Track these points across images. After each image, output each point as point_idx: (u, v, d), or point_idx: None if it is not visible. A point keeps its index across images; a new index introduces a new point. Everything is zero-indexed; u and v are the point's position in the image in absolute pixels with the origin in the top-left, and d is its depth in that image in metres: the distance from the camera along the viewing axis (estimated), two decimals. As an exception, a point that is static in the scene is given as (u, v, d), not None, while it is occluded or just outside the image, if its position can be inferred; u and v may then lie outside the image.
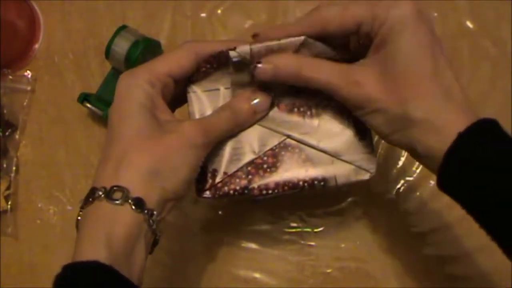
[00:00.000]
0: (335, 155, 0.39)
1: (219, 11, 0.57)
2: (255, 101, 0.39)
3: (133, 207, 0.33)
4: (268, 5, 0.56)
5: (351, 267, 0.51)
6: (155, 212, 0.34)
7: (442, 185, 0.33)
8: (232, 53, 0.37)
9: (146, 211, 0.33)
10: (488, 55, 0.53)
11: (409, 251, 0.50)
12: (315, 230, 0.52)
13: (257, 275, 0.51)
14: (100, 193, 0.33)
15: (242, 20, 0.56)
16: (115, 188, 0.33)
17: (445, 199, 0.34)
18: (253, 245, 0.52)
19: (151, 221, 0.33)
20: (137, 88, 0.36)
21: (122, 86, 0.37)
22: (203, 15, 0.57)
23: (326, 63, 0.37)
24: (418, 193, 0.51)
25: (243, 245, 0.52)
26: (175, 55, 0.38)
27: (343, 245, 0.51)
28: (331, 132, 0.40)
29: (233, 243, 0.52)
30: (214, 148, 0.39)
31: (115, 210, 0.32)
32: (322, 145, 0.40)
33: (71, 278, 0.31)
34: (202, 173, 0.39)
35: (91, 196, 0.33)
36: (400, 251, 0.50)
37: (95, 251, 0.31)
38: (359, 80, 0.35)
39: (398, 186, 0.52)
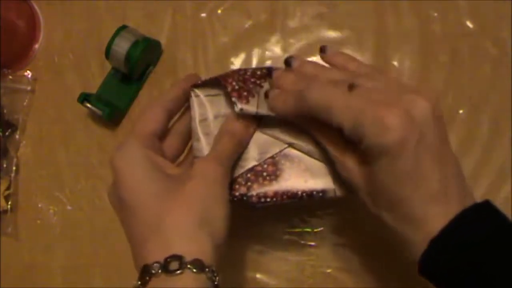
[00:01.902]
0: (335, 167, 0.39)
1: (219, 11, 0.57)
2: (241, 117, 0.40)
3: (194, 270, 0.31)
4: (268, 5, 0.56)
5: (351, 267, 0.51)
6: (214, 268, 0.33)
7: (423, 272, 0.34)
8: (236, 108, 0.39)
9: (207, 269, 0.32)
10: (488, 55, 0.53)
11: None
12: (315, 230, 0.52)
13: (257, 275, 0.51)
14: (156, 268, 0.31)
15: (242, 20, 0.56)
16: (169, 259, 0.32)
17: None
18: (253, 245, 0.52)
19: (213, 277, 0.32)
20: (136, 158, 0.36)
21: (120, 162, 0.36)
22: (203, 15, 0.57)
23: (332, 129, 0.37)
24: (418, 193, 0.51)
25: (243, 245, 0.52)
26: (152, 114, 0.39)
27: (343, 245, 0.51)
28: None
29: (233, 243, 0.52)
30: None
31: (176, 280, 0.31)
32: (323, 156, 0.39)
33: None
34: None
35: (147, 275, 0.32)
36: (401, 251, 0.50)
37: None
38: (351, 179, 0.36)
39: (398, 186, 0.52)
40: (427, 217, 0.33)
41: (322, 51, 0.41)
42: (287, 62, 0.41)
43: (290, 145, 0.40)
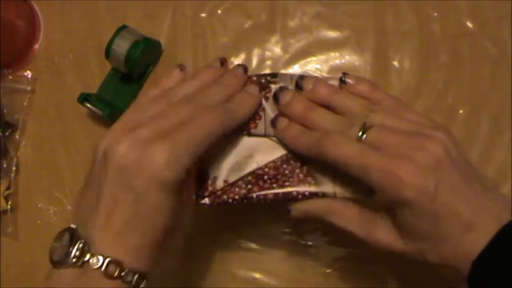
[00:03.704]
0: (336, 174, 0.39)
1: (219, 11, 0.57)
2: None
3: (129, 280, 0.33)
4: (268, 5, 0.56)
5: (351, 267, 0.51)
6: (145, 280, 0.34)
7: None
8: (245, 133, 0.40)
9: (144, 280, 0.34)
10: (488, 55, 0.53)
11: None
12: (315, 230, 0.52)
13: (257, 275, 0.51)
14: (99, 263, 0.32)
15: (242, 20, 0.56)
16: (113, 261, 0.33)
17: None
18: (253, 245, 0.52)
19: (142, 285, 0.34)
20: (176, 186, 0.35)
21: (163, 176, 0.34)
22: (203, 15, 0.57)
23: (352, 213, 0.38)
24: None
25: (243, 245, 0.52)
26: (204, 134, 0.36)
27: (343, 245, 0.51)
28: None
29: (233, 243, 0.52)
30: (217, 155, 0.39)
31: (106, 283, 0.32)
32: (325, 165, 0.39)
33: None
34: (203, 179, 0.39)
35: (81, 256, 0.33)
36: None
37: None
38: (381, 239, 0.37)
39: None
40: (466, 245, 0.33)
41: (342, 81, 0.40)
42: (298, 85, 0.40)
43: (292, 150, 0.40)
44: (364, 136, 0.35)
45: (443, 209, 0.33)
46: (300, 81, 0.40)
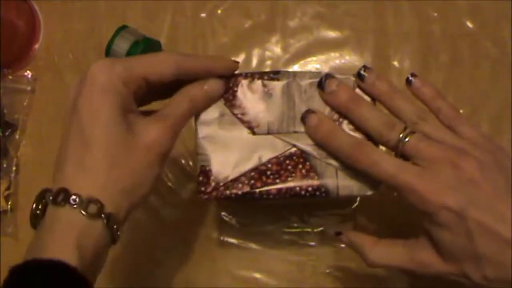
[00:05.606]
0: (339, 169, 0.40)
1: (219, 11, 0.57)
2: (207, 85, 0.39)
3: (105, 221, 0.33)
4: (268, 5, 0.56)
5: (351, 267, 0.51)
6: (119, 227, 0.35)
7: None
8: (249, 133, 0.40)
9: (115, 226, 0.34)
10: (488, 55, 0.53)
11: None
12: (315, 230, 0.52)
13: (257, 275, 0.51)
14: (76, 201, 0.32)
15: (242, 20, 0.56)
16: (91, 200, 0.33)
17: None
18: (253, 245, 0.52)
19: (117, 234, 0.34)
20: (113, 88, 0.35)
21: (98, 78, 0.35)
22: (203, 15, 0.57)
23: (392, 248, 0.38)
24: (418, 193, 0.51)
25: (243, 245, 0.52)
26: (157, 60, 0.37)
27: (343, 245, 0.51)
28: None
29: (233, 243, 0.52)
30: (220, 152, 0.40)
31: (88, 222, 0.33)
32: (328, 160, 0.40)
33: (37, 272, 0.31)
34: (206, 175, 0.40)
35: (64, 200, 0.33)
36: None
37: (66, 255, 0.31)
38: (423, 260, 0.37)
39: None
40: (509, 264, 0.33)
41: (408, 81, 0.39)
42: (360, 76, 0.39)
43: (294, 146, 0.40)
44: (406, 139, 0.35)
45: (476, 228, 0.33)
46: (362, 71, 0.38)
